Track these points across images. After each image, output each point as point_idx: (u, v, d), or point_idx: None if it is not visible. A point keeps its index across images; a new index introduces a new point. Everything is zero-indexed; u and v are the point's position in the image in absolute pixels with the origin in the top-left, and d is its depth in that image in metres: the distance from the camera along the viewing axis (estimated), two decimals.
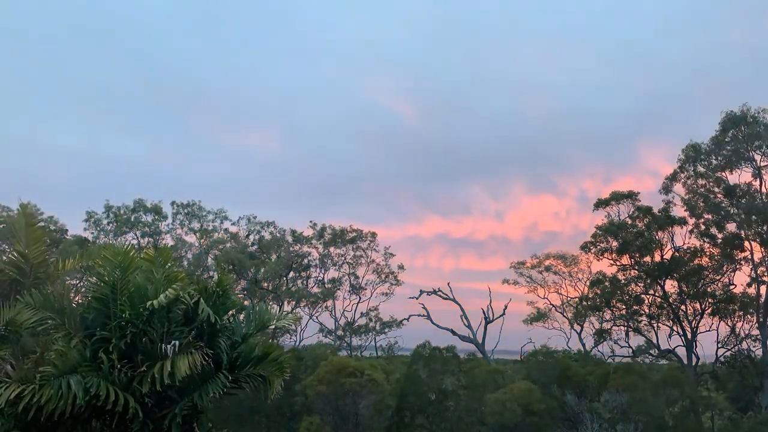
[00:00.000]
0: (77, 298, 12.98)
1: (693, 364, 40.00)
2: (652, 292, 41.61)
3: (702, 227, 40.05)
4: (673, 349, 41.26)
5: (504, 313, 45.36)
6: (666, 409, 30.88)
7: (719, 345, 39.95)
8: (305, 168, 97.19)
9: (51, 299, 10.40)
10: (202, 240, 42.98)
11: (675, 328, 40.85)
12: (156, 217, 42.21)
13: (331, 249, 45.26)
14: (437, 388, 31.40)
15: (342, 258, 45.56)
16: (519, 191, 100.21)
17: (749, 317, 39.19)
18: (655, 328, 41.86)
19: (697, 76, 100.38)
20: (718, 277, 40.23)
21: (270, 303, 39.40)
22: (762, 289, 38.52)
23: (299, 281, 45.05)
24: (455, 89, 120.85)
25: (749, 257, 38.87)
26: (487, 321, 45.04)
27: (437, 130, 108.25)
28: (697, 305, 40.13)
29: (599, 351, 43.45)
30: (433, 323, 45.01)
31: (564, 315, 46.19)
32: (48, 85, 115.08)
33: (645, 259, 41.03)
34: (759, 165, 38.29)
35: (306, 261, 45.03)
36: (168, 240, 41.97)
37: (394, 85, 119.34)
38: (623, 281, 41.75)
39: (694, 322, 40.35)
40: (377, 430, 27.43)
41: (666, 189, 41.06)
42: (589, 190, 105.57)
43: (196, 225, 43.72)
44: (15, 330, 10.45)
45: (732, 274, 40.05)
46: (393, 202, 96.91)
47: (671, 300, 40.54)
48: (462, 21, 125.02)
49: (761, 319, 37.87)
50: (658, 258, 40.72)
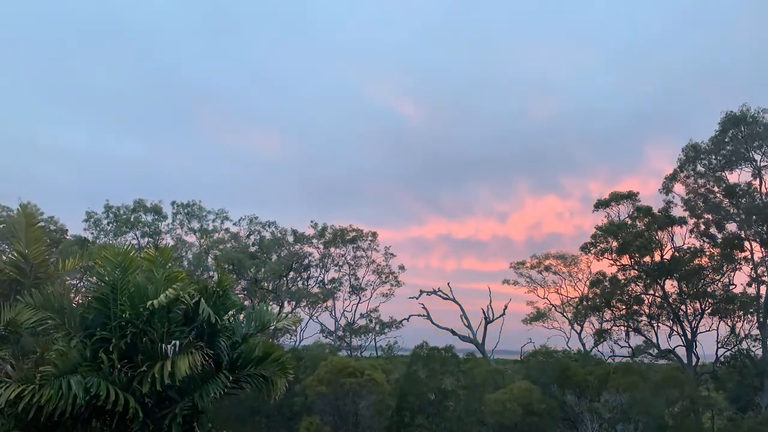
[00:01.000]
0: (77, 298, 12.96)
1: (693, 364, 40.00)
2: (652, 292, 41.63)
3: (702, 227, 40.07)
4: (673, 349, 41.28)
5: (504, 313, 45.42)
6: (666, 409, 30.86)
7: (719, 345, 40.01)
8: (308, 169, 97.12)
9: (51, 299, 10.39)
10: (202, 240, 42.97)
11: (675, 328, 40.87)
12: (156, 217, 42.20)
13: (332, 249, 45.26)
14: (437, 388, 31.40)
15: (342, 258, 45.60)
16: (523, 192, 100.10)
17: (749, 317, 39.21)
18: (655, 328, 41.90)
19: (703, 76, 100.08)
20: (718, 277, 40.23)
21: (270, 303, 39.39)
22: (762, 289, 38.59)
23: (299, 281, 45.06)
24: (460, 90, 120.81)
25: (749, 257, 38.90)
26: (487, 321, 45.05)
27: (441, 130, 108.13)
28: (697, 305, 40.13)
29: (599, 351, 43.49)
30: (433, 323, 45.08)
31: (564, 315, 46.20)
32: (48, 86, 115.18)
33: (645, 259, 41.04)
34: (759, 165, 38.34)
35: (306, 261, 45.04)
36: (168, 240, 41.99)
37: (398, 86, 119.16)
38: (623, 281, 41.76)
39: (694, 322, 40.36)
40: (377, 430, 27.42)
41: (666, 189, 41.10)
42: (594, 191, 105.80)
43: (196, 225, 43.75)
44: (15, 330, 10.44)
45: (732, 274, 40.10)
46: (396, 203, 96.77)
47: (671, 300, 40.54)
48: (466, 21, 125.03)
49: (761, 319, 37.87)
50: (658, 258, 40.73)
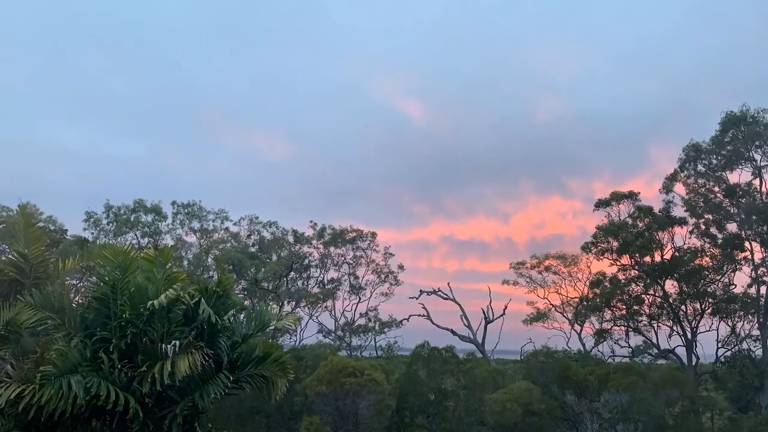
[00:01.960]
0: (77, 298, 12.95)
1: (693, 364, 40.02)
2: (652, 292, 41.63)
3: (702, 227, 40.09)
4: (673, 349, 41.29)
5: (504, 313, 45.34)
6: (666, 409, 30.85)
7: (719, 345, 40.02)
8: (311, 170, 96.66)
9: (51, 299, 10.39)
10: (202, 240, 42.96)
11: (675, 328, 40.88)
12: (156, 217, 42.17)
13: (331, 249, 45.27)
14: (437, 388, 31.38)
15: (342, 258, 45.59)
16: (527, 193, 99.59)
17: (749, 317, 39.22)
18: (655, 328, 41.91)
19: (709, 77, 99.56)
20: (718, 277, 40.25)
21: (270, 303, 39.37)
22: (762, 290, 38.61)
23: (299, 281, 45.06)
24: (464, 89, 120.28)
25: (749, 257, 38.92)
26: (487, 321, 45.01)
27: (446, 130, 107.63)
28: (698, 305, 40.14)
29: (599, 351, 43.46)
30: (433, 323, 45.01)
31: (564, 315, 46.16)
32: (49, 85, 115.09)
33: (645, 259, 41.06)
34: (759, 165, 38.36)
35: (306, 261, 45.04)
36: (168, 240, 41.92)
37: (403, 86, 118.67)
38: (623, 281, 41.77)
39: (694, 322, 40.37)
40: (377, 430, 27.40)
41: (666, 189, 41.13)
42: (599, 191, 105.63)
43: (196, 225, 43.73)
44: (15, 330, 10.44)
45: (732, 274, 40.12)
46: (399, 204, 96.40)
47: (671, 300, 40.55)
48: (471, 22, 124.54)
49: (761, 319, 37.88)
50: (658, 258, 40.75)
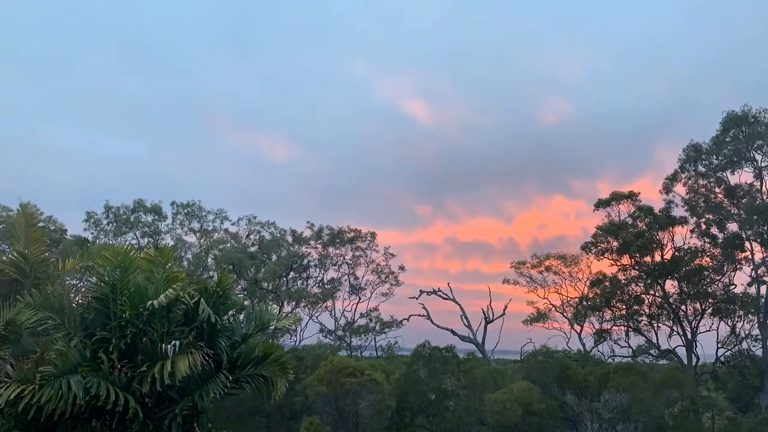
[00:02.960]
0: (77, 298, 12.96)
1: (693, 364, 40.03)
2: (652, 292, 41.65)
3: (703, 227, 40.10)
4: (673, 349, 41.30)
5: (504, 313, 45.31)
6: (666, 409, 30.83)
7: (719, 345, 40.03)
8: (313, 170, 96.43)
9: (51, 299, 10.38)
10: (202, 240, 42.98)
11: (675, 328, 40.89)
12: (156, 218, 42.21)
13: (330, 249, 45.24)
14: (437, 388, 31.36)
15: (341, 258, 45.56)
16: (530, 194, 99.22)
17: (750, 317, 39.22)
18: (655, 328, 41.92)
19: (715, 77, 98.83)
20: (718, 277, 40.27)
21: (270, 303, 39.37)
22: (762, 290, 38.62)
23: (299, 281, 45.03)
24: (469, 90, 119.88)
25: (750, 257, 38.92)
26: (487, 321, 45.00)
27: (450, 131, 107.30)
28: (698, 305, 40.15)
29: (599, 351, 43.46)
30: (433, 323, 44.99)
31: (564, 315, 46.16)
32: (48, 85, 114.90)
33: (645, 259, 41.07)
34: (760, 165, 38.36)
35: (306, 261, 45.02)
36: (168, 240, 41.96)
37: (407, 87, 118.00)
38: (623, 281, 41.78)
39: (694, 322, 40.38)
40: (377, 430, 27.38)
41: (667, 189, 41.13)
42: (603, 192, 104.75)
43: (196, 225, 43.75)
44: (15, 330, 10.43)
45: (732, 274, 40.15)
46: (403, 204, 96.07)
47: (671, 300, 40.56)
48: (475, 22, 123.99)
49: (761, 319, 37.89)
50: (658, 258, 40.76)
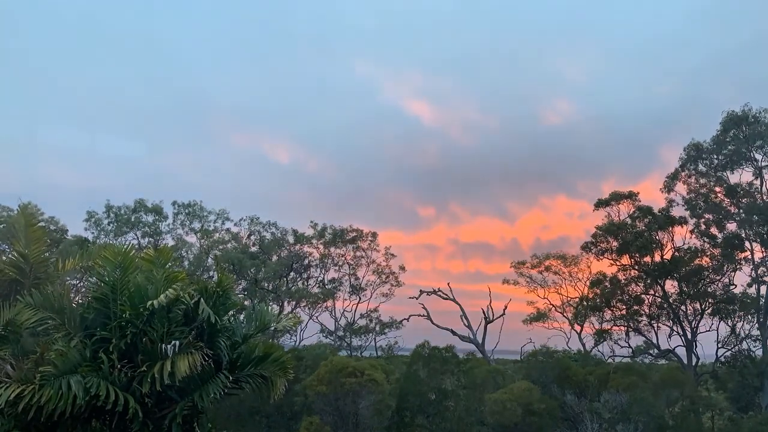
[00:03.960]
0: (77, 298, 12.97)
1: (693, 364, 40.04)
2: (652, 292, 41.65)
3: (702, 227, 40.10)
4: (673, 349, 41.30)
5: (504, 313, 45.33)
6: (666, 409, 30.84)
7: (719, 345, 40.05)
8: (315, 171, 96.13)
9: (51, 299, 10.39)
10: (202, 240, 42.98)
11: (675, 328, 40.90)
12: (156, 218, 42.24)
13: (332, 249, 45.23)
14: (437, 388, 31.38)
15: (342, 258, 45.55)
16: (534, 194, 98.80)
17: (749, 317, 39.23)
18: (655, 328, 41.93)
19: (720, 77, 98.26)
20: (718, 277, 40.27)
21: (270, 303, 39.38)
22: (762, 290, 38.63)
23: (299, 281, 45.03)
24: (473, 90, 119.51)
25: (749, 257, 38.92)
26: (487, 321, 45.01)
27: (455, 132, 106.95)
28: (697, 305, 40.16)
29: (599, 351, 43.49)
30: (433, 323, 45.00)
31: (564, 315, 46.18)
32: (49, 85, 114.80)
33: (645, 259, 41.07)
34: (760, 165, 38.37)
35: (306, 261, 45.02)
36: (168, 240, 42.00)
37: (410, 87, 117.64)
38: (623, 281, 41.78)
39: (694, 322, 40.38)
40: (377, 430, 27.39)
41: (667, 188, 41.13)
42: (607, 193, 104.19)
43: (196, 225, 43.77)
44: (15, 330, 10.44)
45: (732, 274, 40.15)
46: (406, 205, 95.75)
47: (671, 300, 40.57)
48: (479, 22, 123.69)
49: (761, 319, 37.89)
50: (658, 258, 40.75)
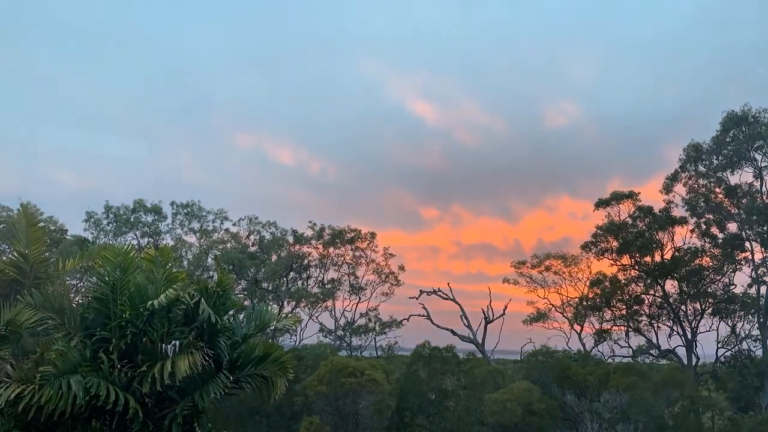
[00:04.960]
0: (77, 298, 12.98)
1: (693, 364, 40.05)
2: (652, 292, 41.65)
3: (703, 227, 40.11)
4: (673, 349, 41.30)
5: (504, 313, 45.32)
6: (666, 409, 30.83)
7: (719, 345, 40.06)
8: (316, 171, 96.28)
9: (51, 299, 10.38)
10: (202, 240, 42.99)
11: (675, 328, 40.90)
12: (156, 218, 42.25)
13: (331, 249, 45.23)
14: (437, 388, 31.38)
15: (341, 258, 45.54)
16: (538, 196, 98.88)
17: (749, 317, 39.23)
18: (655, 328, 41.94)
19: (725, 77, 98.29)
20: (718, 278, 40.28)
21: (270, 303, 39.38)
22: (762, 290, 38.63)
23: (299, 281, 45.03)
24: (477, 92, 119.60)
25: (749, 257, 38.92)
26: (487, 321, 45.00)
27: (456, 131, 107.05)
28: (698, 305, 40.16)
29: (599, 351, 43.48)
30: (433, 323, 45.00)
31: (564, 315, 46.16)
32: (50, 86, 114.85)
33: (645, 259, 41.07)
34: (760, 165, 38.38)
35: (306, 261, 45.01)
36: (168, 240, 42.06)
37: (415, 88, 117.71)
38: (623, 281, 41.78)
39: (694, 322, 40.39)
40: (377, 430, 27.39)
41: (667, 189, 41.14)
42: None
43: (196, 225, 43.77)
44: (15, 330, 10.42)
45: (732, 274, 40.16)
46: (409, 205, 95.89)
47: (671, 300, 40.56)
48: (483, 22, 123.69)
49: (761, 320, 37.90)
50: (658, 258, 40.75)
